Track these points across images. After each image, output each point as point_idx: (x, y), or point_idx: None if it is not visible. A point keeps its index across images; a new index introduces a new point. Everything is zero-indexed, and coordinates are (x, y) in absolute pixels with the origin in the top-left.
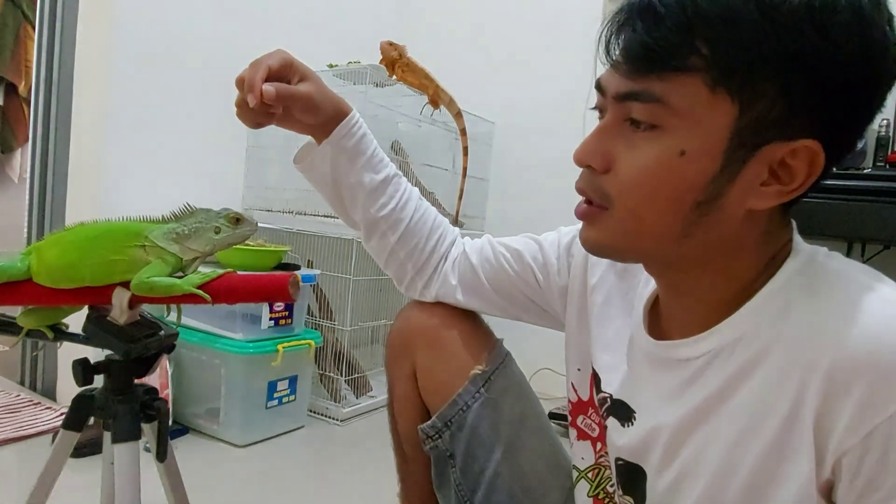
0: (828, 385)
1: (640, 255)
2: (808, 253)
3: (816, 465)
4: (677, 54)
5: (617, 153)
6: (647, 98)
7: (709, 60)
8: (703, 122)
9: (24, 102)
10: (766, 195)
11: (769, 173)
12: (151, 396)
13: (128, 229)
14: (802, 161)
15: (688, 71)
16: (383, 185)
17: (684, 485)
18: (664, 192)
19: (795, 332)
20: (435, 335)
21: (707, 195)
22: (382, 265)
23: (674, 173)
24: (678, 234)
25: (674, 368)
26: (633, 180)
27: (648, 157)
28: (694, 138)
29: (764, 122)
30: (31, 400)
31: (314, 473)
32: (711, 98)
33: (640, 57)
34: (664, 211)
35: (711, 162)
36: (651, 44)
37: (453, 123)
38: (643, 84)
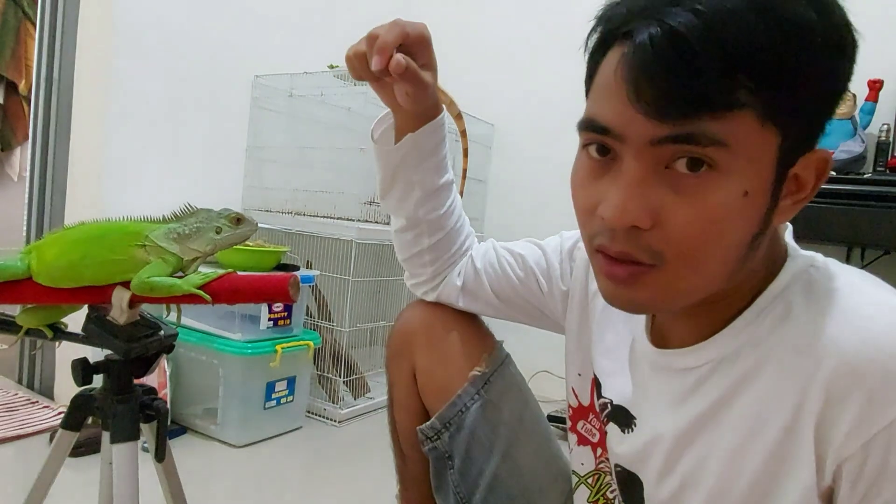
0: (827, 392)
1: (687, 304)
2: (805, 259)
3: (817, 473)
4: (728, 91)
5: (663, 204)
6: (706, 140)
7: (755, 94)
8: (758, 158)
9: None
10: (786, 210)
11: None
12: (150, 396)
13: (128, 229)
14: (811, 170)
15: (740, 107)
16: (440, 190)
17: (685, 494)
18: (730, 237)
19: (794, 339)
20: (435, 336)
21: (760, 227)
22: (403, 259)
23: (740, 215)
24: (733, 271)
25: (676, 377)
26: (693, 232)
27: (709, 203)
28: (753, 176)
29: (797, 143)
30: (29, 399)
31: (312, 474)
32: (762, 131)
33: (688, 99)
34: (727, 256)
35: (765, 196)
36: (699, 85)
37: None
38: (693, 126)
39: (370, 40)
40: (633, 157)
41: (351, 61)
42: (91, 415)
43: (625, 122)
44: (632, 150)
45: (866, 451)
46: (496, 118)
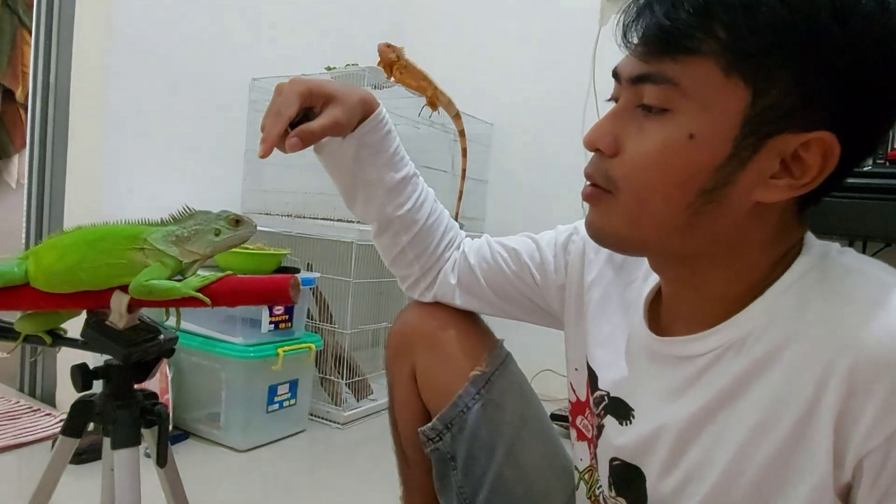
0: (848, 385)
1: (642, 245)
2: (820, 249)
3: (835, 467)
4: (693, 36)
5: (626, 137)
6: (660, 80)
7: (724, 44)
8: (715, 107)
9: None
10: (776, 188)
11: (781, 166)
12: (151, 401)
13: (126, 232)
14: (816, 154)
15: (702, 54)
16: (402, 184)
17: (690, 486)
18: (670, 176)
19: (811, 330)
20: (434, 336)
21: (713, 182)
22: (389, 263)
23: (681, 157)
24: (682, 223)
25: (677, 365)
26: (639, 164)
27: (657, 140)
28: (704, 122)
29: (777, 110)
30: (30, 406)
31: (315, 477)
32: (725, 82)
33: (655, 38)
34: (669, 197)
35: (720, 148)
36: (668, 25)
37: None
38: (657, 66)
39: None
40: (622, 96)
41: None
42: (92, 421)
43: (621, 64)
44: (622, 90)
45: (890, 444)
46: (495, 117)
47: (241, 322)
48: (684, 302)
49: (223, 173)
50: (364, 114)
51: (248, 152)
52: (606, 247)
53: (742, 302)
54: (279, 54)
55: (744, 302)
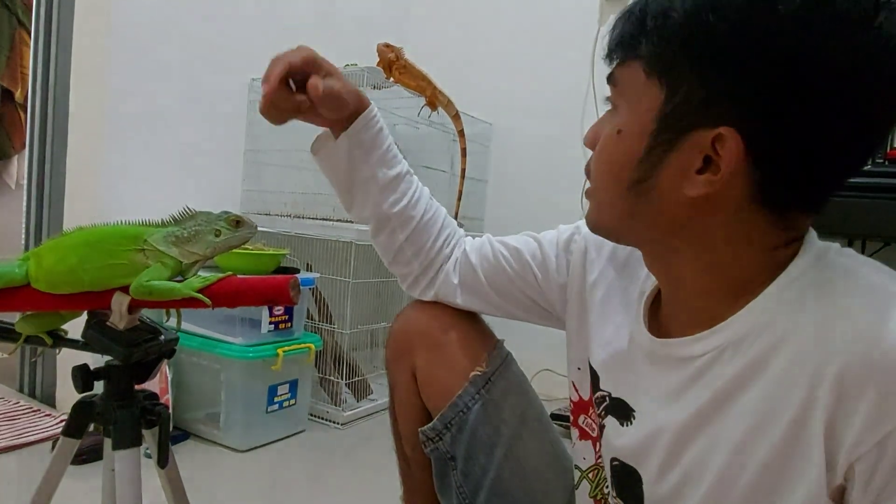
0: (839, 388)
1: (611, 232)
2: (818, 250)
3: (827, 471)
4: (630, 44)
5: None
6: (610, 81)
7: (647, 49)
8: (639, 105)
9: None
10: (697, 183)
11: (705, 162)
12: (152, 402)
13: (127, 233)
14: (728, 150)
15: (634, 58)
16: (396, 181)
17: (687, 488)
18: (606, 167)
19: (804, 332)
20: (435, 336)
21: (639, 175)
22: (388, 262)
23: (612, 150)
24: (626, 212)
25: (675, 367)
26: (595, 155)
27: (601, 133)
28: (629, 119)
29: (687, 107)
30: (30, 407)
31: (315, 477)
32: (646, 82)
33: (612, 47)
34: (609, 186)
35: (639, 142)
36: (619, 36)
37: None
38: (613, 71)
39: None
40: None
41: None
42: (92, 421)
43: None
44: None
45: (881, 449)
46: (494, 117)
47: (240, 322)
48: (679, 303)
49: (223, 174)
50: (357, 108)
51: (247, 153)
52: (594, 233)
53: (737, 303)
54: None
55: (739, 303)
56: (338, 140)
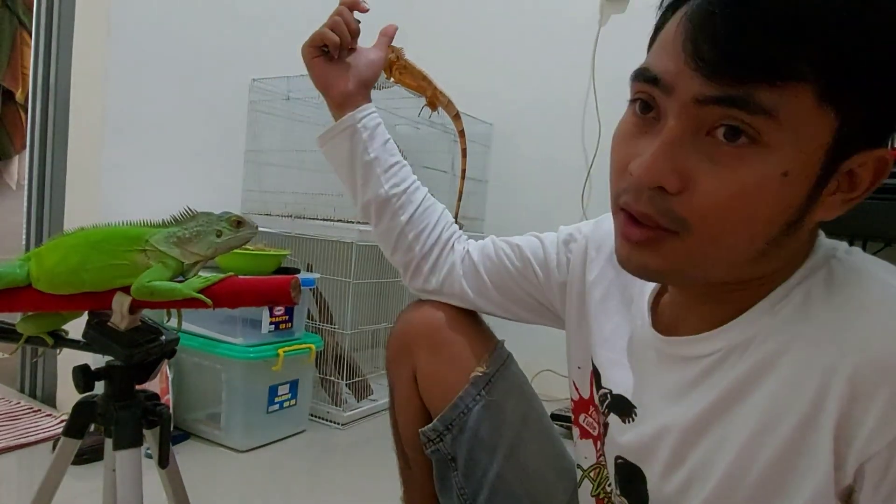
0: (851, 389)
1: (702, 280)
2: (826, 249)
3: (836, 470)
4: (789, 60)
5: (695, 170)
6: (754, 107)
7: (818, 68)
8: (804, 138)
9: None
10: (833, 206)
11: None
12: (153, 402)
13: (128, 233)
14: (869, 169)
15: (798, 80)
16: (397, 167)
17: (693, 488)
18: (760, 216)
19: (814, 332)
20: (435, 337)
21: (798, 215)
22: (390, 251)
23: (774, 196)
24: (757, 256)
25: (681, 365)
26: (722, 204)
27: (746, 177)
28: (797, 157)
29: (857, 134)
30: (31, 407)
31: (316, 478)
32: (817, 111)
33: (748, 60)
34: (754, 236)
35: (808, 182)
36: (763, 46)
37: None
38: (743, 90)
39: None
40: (675, 116)
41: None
42: (93, 422)
43: (676, 72)
44: (676, 107)
45: (892, 450)
46: (495, 117)
47: (241, 323)
48: (690, 303)
49: (223, 174)
50: (365, 97)
51: (248, 153)
52: (658, 282)
53: (748, 302)
54: (279, 55)
55: (750, 302)
56: (342, 119)
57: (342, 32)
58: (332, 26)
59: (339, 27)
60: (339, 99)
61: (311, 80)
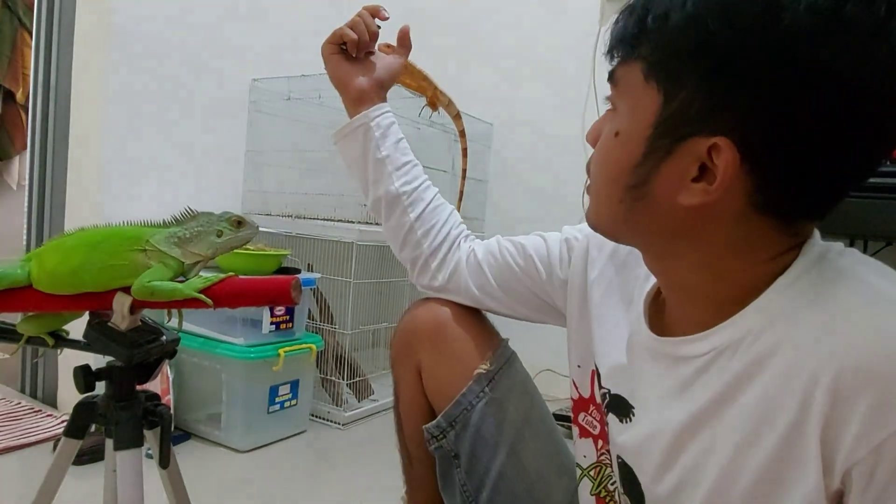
0: (834, 393)
1: (609, 233)
2: (819, 250)
3: (825, 476)
4: (630, 43)
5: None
6: (611, 79)
7: (647, 50)
8: (637, 108)
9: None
10: (693, 192)
11: (701, 170)
12: (153, 402)
13: (129, 234)
14: (724, 161)
15: (634, 59)
16: (408, 165)
17: (685, 491)
18: (605, 169)
19: (800, 335)
20: (439, 335)
21: (635, 180)
22: (398, 247)
23: (609, 152)
24: (622, 217)
25: (675, 365)
26: (594, 156)
27: (601, 134)
28: (627, 121)
29: (685, 114)
30: (31, 408)
31: (317, 478)
32: (645, 85)
33: (613, 44)
34: (607, 188)
35: (637, 147)
36: (620, 33)
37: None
38: (613, 69)
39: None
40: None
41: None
42: (94, 422)
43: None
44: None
45: (877, 455)
46: (495, 117)
47: (241, 323)
48: (679, 303)
49: (224, 174)
50: (380, 97)
51: (249, 153)
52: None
53: (738, 303)
54: (279, 56)
55: (740, 303)
56: (357, 116)
57: (361, 32)
58: (353, 25)
59: (359, 27)
60: (355, 96)
61: (329, 77)
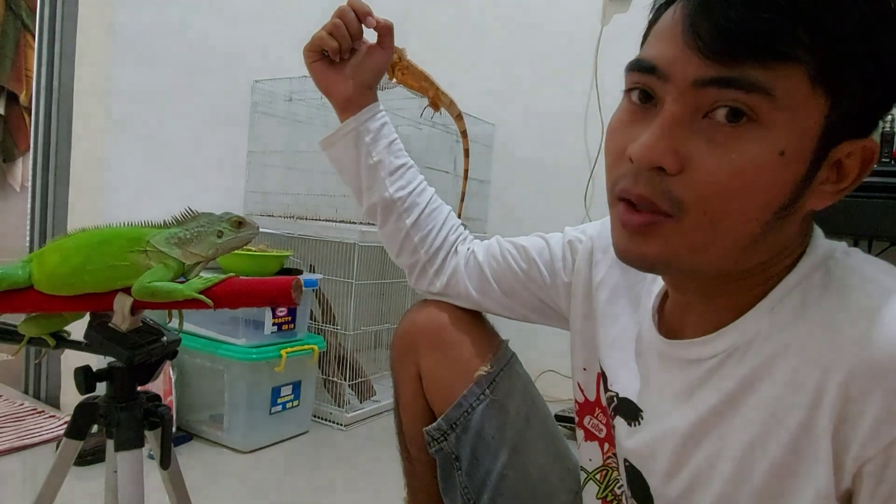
0: (845, 392)
1: (695, 269)
2: (825, 249)
3: (835, 475)
4: (786, 40)
5: (694, 151)
6: (750, 87)
7: (812, 50)
8: (800, 120)
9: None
10: (824, 195)
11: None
12: (155, 403)
13: (129, 234)
14: (856, 159)
15: (793, 60)
16: (402, 169)
17: (696, 493)
18: (758, 197)
19: (810, 334)
20: (440, 336)
21: (791, 199)
22: (395, 253)
23: (770, 176)
24: (750, 242)
25: (684, 368)
26: (720, 183)
27: (744, 156)
28: (792, 137)
29: (846, 120)
30: (34, 408)
31: (319, 479)
32: (811, 93)
33: (743, 38)
34: (750, 218)
35: (803, 164)
36: (759, 24)
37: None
38: (740, 71)
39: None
40: (673, 100)
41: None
42: (95, 423)
43: (672, 59)
44: (674, 92)
45: (888, 454)
46: (497, 118)
47: (243, 324)
48: (691, 305)
49: (225, 175)
50: (369, 99)
51: (250, 154)
52: (654, 273)
53: (747, 303)
54: (281, 57)
55: (749, 303)
56: (346, 123)
57: (341, 36)
58: (332, 30)
59: (339, 31)
60: (341, 102)
61: (314, 84)
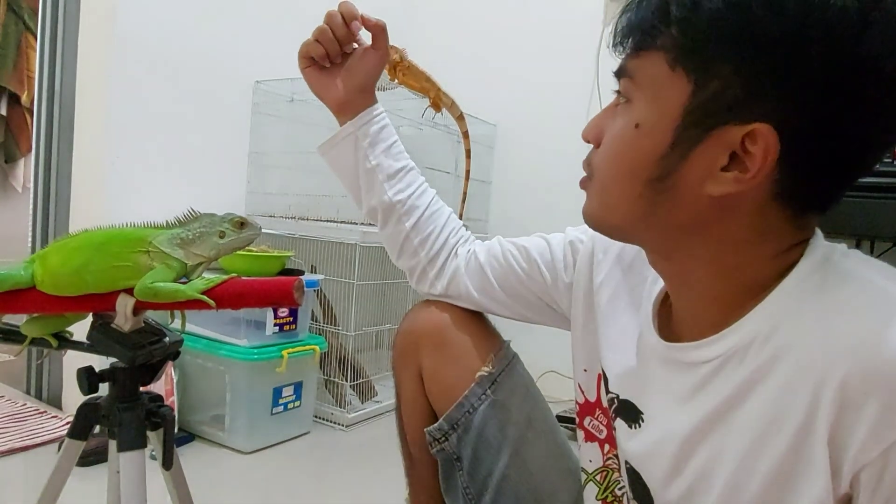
0: (842, 396)
1: (618, 230)
2: (823, 252)
3: (833, 479)
4: (649, 33)
5: (606, 128)
6: (623, 73)
7: (673, 39)
8: (661, 99)
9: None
10: (724, 181)
11: (731, 159)
12: (157, 404)
13: (132, 235)
14: (760, 148)
15: (655, 49)
16: (401, 172)
17: (695, 497)
18: (622, 163)
19: (807, 338)
20: (441, 336)
21: (659, 172)
22: (395, 255)
23: (629, 145)
24: (640, 212)
25: (684, 371)
26: (604, 151)
27: (613, 129)
28: (649, 113)
29: (719, 102)
30: (36, 409)
31: (320, 479)
32: (671, 75)
33: (623, 36)
34: (623, 183)
35: (663, 137)
36: (633, 24)
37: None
38: (625, 62)
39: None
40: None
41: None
42: (98, 423)
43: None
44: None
45: (885, 458)
46: (498, 118)
47: (245, 324)
48: (687, 305)
49: (227, 176)
50: (367, 101)
51: (252, 155)
52: (595, 230)
53: (744, 306)
54: (282, 57)
55: (746, 306)
56: (344, 128)
57: (328, 41)
58: (318, 36)
59: (325, 36)
60: (336, 107)
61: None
